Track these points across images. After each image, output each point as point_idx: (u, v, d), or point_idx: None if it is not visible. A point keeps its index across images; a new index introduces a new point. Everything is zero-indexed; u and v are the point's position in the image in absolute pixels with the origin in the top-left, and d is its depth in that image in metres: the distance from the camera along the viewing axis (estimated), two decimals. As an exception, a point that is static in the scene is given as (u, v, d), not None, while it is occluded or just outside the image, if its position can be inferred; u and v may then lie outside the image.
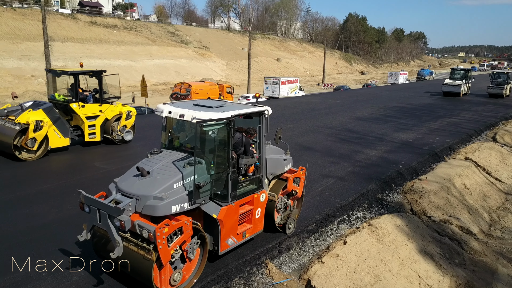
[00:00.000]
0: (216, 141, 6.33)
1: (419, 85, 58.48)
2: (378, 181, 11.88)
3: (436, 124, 21.51)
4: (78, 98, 13.65)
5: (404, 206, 11.12)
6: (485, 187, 13.50)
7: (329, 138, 17.31)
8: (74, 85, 13.55)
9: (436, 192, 11.56)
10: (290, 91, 45.52)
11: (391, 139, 17.53)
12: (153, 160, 6.47)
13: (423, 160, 14.51)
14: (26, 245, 7.26)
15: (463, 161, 14.83)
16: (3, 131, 12.43)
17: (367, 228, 8.87)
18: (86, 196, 5.86)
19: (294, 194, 8.13)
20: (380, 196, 11.21)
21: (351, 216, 9.80)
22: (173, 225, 5.53)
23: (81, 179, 10.98)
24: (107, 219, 5.57)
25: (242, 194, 6.75)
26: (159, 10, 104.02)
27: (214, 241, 6.54)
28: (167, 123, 6.94)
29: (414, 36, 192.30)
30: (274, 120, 18.45)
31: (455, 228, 10.30)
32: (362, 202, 10.49)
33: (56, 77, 14.38)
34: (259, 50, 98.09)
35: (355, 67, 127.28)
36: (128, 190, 5.94)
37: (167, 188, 5.83)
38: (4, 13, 60.84)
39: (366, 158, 14.17)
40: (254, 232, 7.21)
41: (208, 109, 6.47)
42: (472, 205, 11.92)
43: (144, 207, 5.73)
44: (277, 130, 7.70)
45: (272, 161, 7.51)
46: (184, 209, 5.92)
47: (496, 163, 15.89)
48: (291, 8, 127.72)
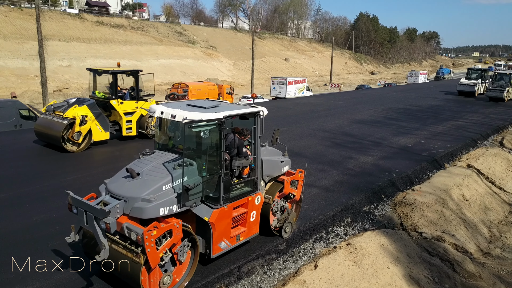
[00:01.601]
0: (208, 142, 6.24)
1: (435, 84, 57.30)
2: (367, 191, 10.87)
3: (440, 128, 20.33)
4: (117, 96, 14.94)
5: (393, 221, 10.09)
6: (487, 198, 12.37)
7: (322, 142, 16.30)
8: (114, 84, 14.85)
9: (430, 205, 10.50)
10: (298, 91, 45.03)
11: (389, 143, 16.45)
12: (144, 161, 6.38)
13: (420, 167, 13.43)
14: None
15: (464, 169, 13.70)
16: (52, 125, 13.58)
17: (344, 249, 7.89)
18: (73, 197, 5.80)
19: (292, 197, 7.98)
20: (367, 209, 10.19)
21: (330, 233, 8.81)
22: (162, 228, 5.43)
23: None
24: (93, 221, 5.50)
25: (235, 196, 6.60)
26: (167, 10, 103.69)
27: (206, 244, 6.38)
28: (161, 123, 6.85)
29: (427, 35, 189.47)
30: (270, 122, 17.83)
31: (448, 247, 9.24)
32: (345, 216, 9.49)
33: (97, 75, 15.44)
34: (267, 50, 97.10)
35: (366, 67, 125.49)
36: (117, 192, 5.84)
37: (155, 190, 5.71)
38: (11, 13, 60.93)
39: (357, 165, 13.14)
40: (249, 235, 7.06)
41: (201, 109, 6.30)
42: (470, 219, 10.83)
43: (132, 209, 5.62)
44: (274, 131, 7.53)
45: (268, 163, 7.33)
46: (173, 211, 5.81)
47: (501, 171, 14.72)
48: (300, 8, 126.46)
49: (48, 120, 13.85)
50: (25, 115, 19.08)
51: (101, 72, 15.24)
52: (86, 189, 8.41)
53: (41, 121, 14.22)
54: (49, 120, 13.79)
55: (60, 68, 53.99)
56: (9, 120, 18.28)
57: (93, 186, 8.14)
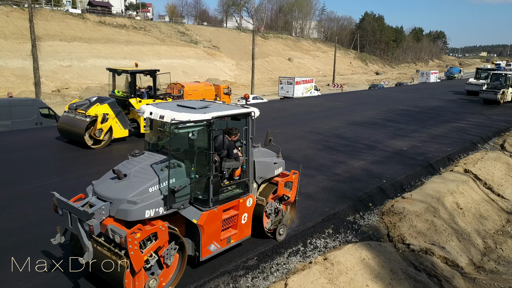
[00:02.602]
0: (197, 143, 6.13)
1: (444, 84, 56.69)
2: (353, 199, 10.24)
3: (439, 130, 19.61)
4: (136, 94, 15.49)
5: (380, 231, 9.46)
6: (483, 206, 11.68)
7: (313, 145, 15.67)
8: (133, 83, 15.37)
9: (420, 214, 9.84)
10: (305, 91, 45.35)
11: (383, 147, 15.78)
12: (133, 162, 6.29)
13: (413, 173, 12.77)
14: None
15: (460, 174, 13.01)
16: (75, 122, 14.15)
17: (320, 264, 7.27)
18: (58, 199, 5.75)
19: (286, 198, 7.83)
20: (352, 218, 9.56)
21: (307, 245, 8.19)
22: (146, 231, 5.33)
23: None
24: (77, 223, 5.42)
25: (226, 198, 6.49)
26: (171, 10, 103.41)
27: (196, 247, 6.29)
28: (152, 124, 6.74)
29: (434, 35, 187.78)
30: (265, 123, 17.29)
31: (437, 261, 8.60)
32: (326, 227, 8.87)
33: (117, 75, 15.96)
34: (271, 50, 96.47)
35: (371, 67, 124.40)
36: (103, 193, 5.77)
37: (141, 192, 5.62)
38: (12, 13, 60.89)
39: (346, 171, 12.51)
40: (240, 238, 6.95)
41: (190, 110, 6.22)
42: (463, 229, 10.16)
43: (117, 211, 5.55)
44: (267, 132, 7.43)
45: (261, 164, 7.22)
46: (159, 214, 5.72)
47: (500, 176, 14.01)
48: (305, 7, 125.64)
49: (71, 117, 14.45)
50: (45, 113, 20.29)
51: (121, 72, 15.81)
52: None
53: (64, 118, 14.78)
54: (72, 117, 14.40)
55: (60, 68, 53.77)
56: (30, 118, 19.47)
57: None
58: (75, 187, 9.56)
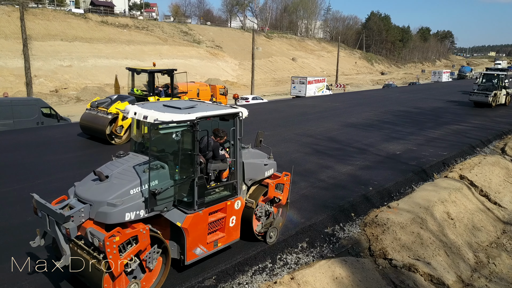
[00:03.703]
0: (180, 144, 5.97)
1: (454, 84, 55.86)
2: (333, 209, 9.51)
3: (437, 132, 18.78)
4: (154, 93, 16.02)
5: (361, 244, 8.73)
6: (477, 215, 10.90)
7: (302, 149, 14.95)
8: (152, 82, 15.97)
9: (405, 226, 9.10)
10: (317, 90, 46.18)
11: (376, 150, 15.02)
12: (116, 164, 6.15)
13: (403, 179, 12.01)
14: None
15: (454, 181, 12.22)
16: (97, 119, 14.70)
17: (285, 285, 6.58)
18: (37, 201, 5.63)
19: (278, 201, 7.67)
20: (330, 230, 8.84)
21: (276, 262, 7.48)
22: (126, 234, 5.19)
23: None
24: (55, 226, 5.31)
25: (212, 201, 6.30)
26: (175, 10, 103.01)
27: (181, 250, 6.12)
28: (138, 124, 6.58)
29: (441, 35, 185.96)
30: (256, 126, 16.76)
31: (420, 279, 7.87)
32: (300, 241, 8.17)
33: (136, 74, 16.62)
34: (275, 50, 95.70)
35: (376, 67, 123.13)
36: (83, 195, 5.61)
37: (122, 194, 5.45)
38: (14, 13, 60.64)
39: (332, 176, 11.78)
40: (228, 241, 6.76)
41: (175, 110, 6.03)
42: (453, 242, 9.39)
43: (96, 214, 5.40)
44: (258, 133, 7.37)
45: (250, 166, 7.05)
46: (139, 216, 5.54)
47: (498, 183, 13.19)
48: (310, 7, 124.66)
49: (93, 115, 14.98)
50: (46, 113, 20.32)
51: (140, 71, 16.40)
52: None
53: (87, 116, 15.27)
54: (94, 115, 14.93)
55: (60, 68, 53.47)
56: (31, 118, 19.51)
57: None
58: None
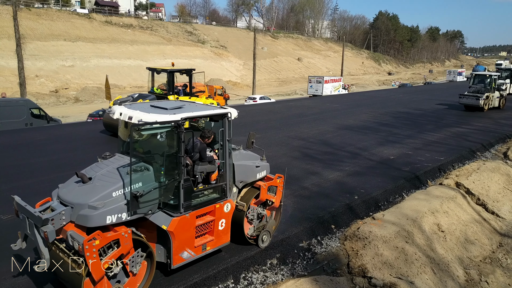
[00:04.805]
0: (165, 145, 5.83)
1: (465, 83, 54.73)
2: (312, 220, 8.80)
3: (436, 136, 17.95)
4: (174, 92, 16.57)
5: (339, 260, 8.01)
6: (471, 227, 10.10)
7: (291, 153, 14.24)
8: (172, 81, 16.69)
9: (388, 240, 8.36)
10: (334, 89, 47.79)
11: (369, 155, 14.26)
12: (101, 165, 6.00)
13: (393, 187, 11.25)
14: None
15: (448, 189, 11.42)
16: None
17: (242, 310, 5.90)
18: (17, 203, 5.53)
19: (270, 204, 7.47)
20: (306, 244, 8.13)
21: (240, 281, 6.79)
22: (106, 237, 5.07)
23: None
24: (34, 229, 5.20)
25: (199, 204, 6.14)
26: (181, 10, 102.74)
27: (168, 254, 5.96)
28: (126, 124, 6.25)
29: (451, 34, 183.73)
30: (248, 128, 16.12)
31: (401, 300, 7.13)
32: (270, 257, 7.47)
33: (156, 74, 17.23)
34: (281, 50, 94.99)
35: (384, 67, 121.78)
36: (65, 197, 5.47)
37: (104, 197, 5.32)
38: (18, 13, 60.17)
39: (317, 184, 11.07)
40: (217, 244, 6.63)
41: (161, 110, 5.92)
42: (441, 257, 8.63)
43: (77, 217, 5.26)
44: (249, 134, 7.26)
45: (241, 168, 6.91)
46: (122, 219, 5.39)
47: (497, 191, 12.37)
48: (317, 7, 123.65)
49: None
50: (36, 114, 20.25)
51: (160, 71, 17.01)
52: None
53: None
54: None
55: (62, 68, 53.29)
56: (20, 119, 19.50)
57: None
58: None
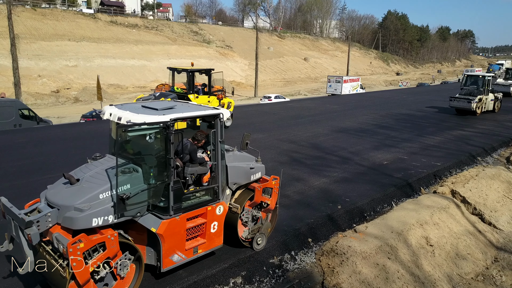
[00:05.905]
0: (154, 147, 5.77)
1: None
2: (286, 233, 8.15)
3: (436, 139, 17.14)
4: (193, 91, 17.36)
5: (312, 279, 7.33)
6: (464, 240, 9.34)
7: (278, 157, 13.58)
8: (192, 81, 17.51)
9: (368, 256, 7.66)
10: (352, 89, 48.96)
11: (360, 160, 13.54)
12: (90, 166, 5.93)
13: (382, 195, 10.53)
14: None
15: (441, 198, 10.65)
16: None
17: None
18: (3, 204, 5.50)
19: (265, 206, 7.32)
20: (277, 260, 7.46)
21: (195, 304, 6.17)
22: (91, 240, 5.00)
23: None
24: (18, 231, 5.17)
25: (190, 206, 6.07)
26: (187, 10, 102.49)
27: (158, 256, 5.91)
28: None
29: (461, 34, 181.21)
30: (241, 130, 15.71)
31: (376, 326, 6.43)
32: (234, 275, 6.81)
33: (176, 73, 18.31)
34: (287, 50, 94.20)
35: (392, 67, 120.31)
36: (52, 199, 5.42)
37: (91, 199, 5.25)
38: (23, 13, 60.89)
39: (299, 191, 10.39)
40: (209, 247, 6.52)
41: (152, 111, 5.86)
42: (428, 275, 7.90)
43: (63, 219, 5.20)
44: (244, 135, 7.23)
45: (234, 169, 6.81)
46: (108, 222, 5.32)
47: (495, 199, 11.56)
48: (324, 6, 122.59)
49: None
50: (25, 115, 19.87)
51: (180, 70, 17.91)
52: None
53: None
54: None
55: (65, 68, 53.17)
56: (8, 120, 19.02)
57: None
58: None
